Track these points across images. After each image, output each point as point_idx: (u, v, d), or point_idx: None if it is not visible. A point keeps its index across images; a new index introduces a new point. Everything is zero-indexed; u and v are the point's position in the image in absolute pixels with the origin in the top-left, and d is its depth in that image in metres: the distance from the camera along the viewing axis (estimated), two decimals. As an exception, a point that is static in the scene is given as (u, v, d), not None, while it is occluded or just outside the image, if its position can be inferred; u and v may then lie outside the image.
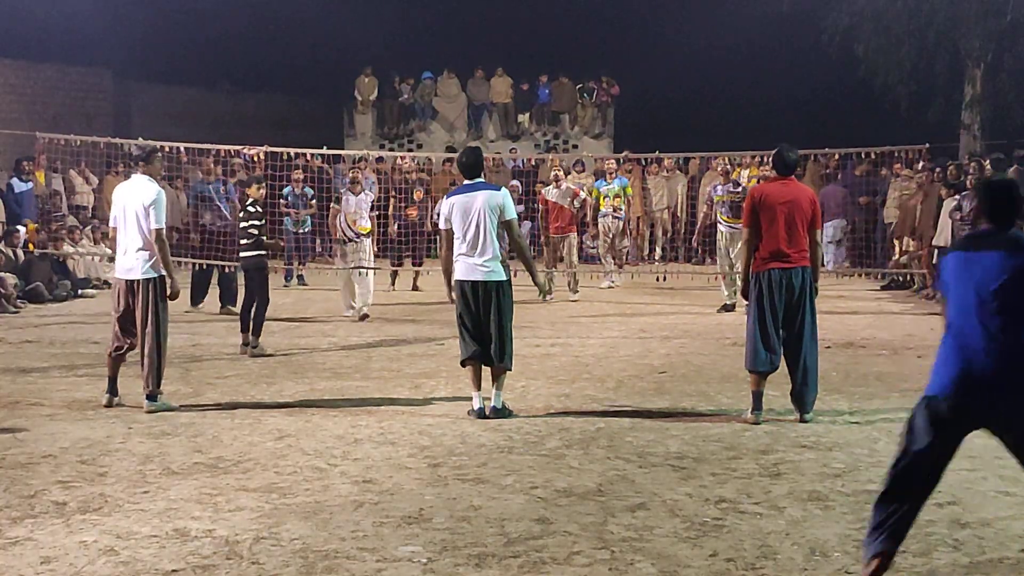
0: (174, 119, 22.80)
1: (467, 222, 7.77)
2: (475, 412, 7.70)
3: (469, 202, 7.81)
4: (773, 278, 7.49)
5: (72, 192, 18.88)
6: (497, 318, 7.74)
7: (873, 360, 10.22)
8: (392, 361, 10.06)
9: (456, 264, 7.86)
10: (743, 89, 25.54)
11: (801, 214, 7.54)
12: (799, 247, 7.52)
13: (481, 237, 7.74)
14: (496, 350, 7.74)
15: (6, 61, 22.03)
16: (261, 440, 6.97)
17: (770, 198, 7.56)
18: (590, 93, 25.28)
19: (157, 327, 7.83)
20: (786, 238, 7.49)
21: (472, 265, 7.78)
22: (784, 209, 7.51)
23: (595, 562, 4.79)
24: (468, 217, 7.77)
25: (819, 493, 5.82)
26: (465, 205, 7.82)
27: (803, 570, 4.71)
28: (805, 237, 7.55)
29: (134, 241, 7.84)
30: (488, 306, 7.75)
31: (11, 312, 13.55)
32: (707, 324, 12.74)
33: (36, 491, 5.81)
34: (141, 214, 7.80)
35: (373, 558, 4.84)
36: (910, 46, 20.98)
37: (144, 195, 7.85)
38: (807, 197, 7.71)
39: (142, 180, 7.98)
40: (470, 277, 7.79)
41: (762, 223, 7.51)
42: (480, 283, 7.76)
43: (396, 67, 25.49)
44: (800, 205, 7.56)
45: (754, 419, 7.52)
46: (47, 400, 8.24)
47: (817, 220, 7.69)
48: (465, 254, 7.80)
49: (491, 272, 7.77)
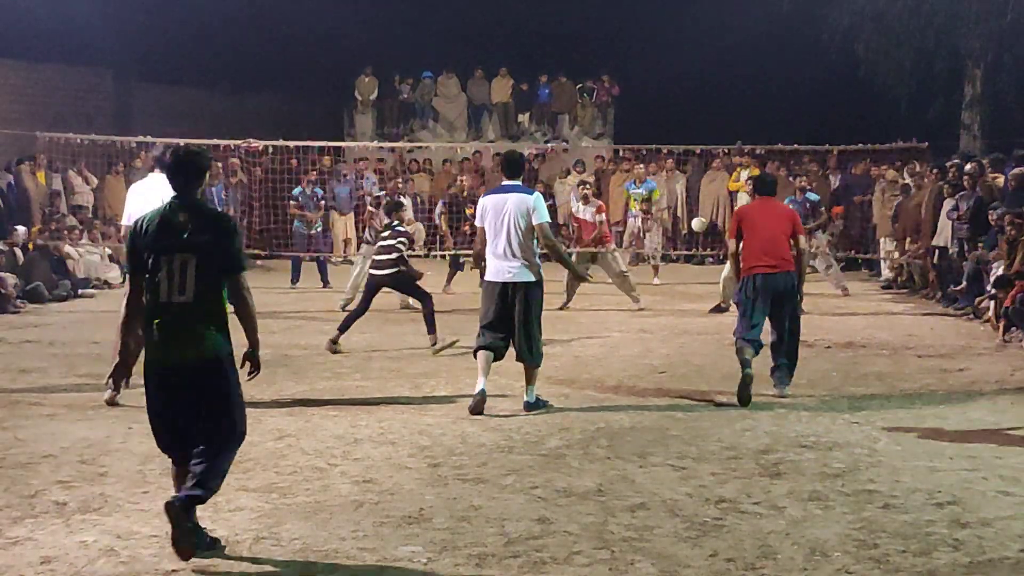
0: (174, 119, 22.77)
1: (497, 223, 7.91)
2: (477, 394, 7.82)
3: (500, 203, 7.94)
4: (757, 281, 8.43)
5: (71, 192, 18.89)
6: (524, 318, 7.85)
7: (873, 360, 10.22)
8: (392, 361, 10.06)
9: (487, 263, 8.03)
10: (744, 89, 25.53)
11: (781, 227, 8.58)
12: (781, 256, 8.46)
13: (510, 239, 7.85)
14: (524, 349, 7.87)
15: (6, 61, 22.01)
16: (261, 440, 6.97)
17: (751, 215, 8.75)
18: (590, 93, 25.28)
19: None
20: (768, 248, 8.45)
21: (501, 266, 7.91)
22: (765, 223, 8.55)
23: (595, 562, 4.79)
24: (499, 218, 7.91)
25: (819, 493, 5.81)
26: (496, 206, 7.96)
27: (803, 570, 4.71)
28: (787, 247, 8.53)
29: None
30: (515, 307, 7.86)
31: (11, 312, 13.55)
32: (707, 324, 12.73)
33: (36, 491, 5.81)
34: None
35: (373, 558, 4.84)
36: (910, 46, 20.98)
37: (163, 194, 7.82)
38: (785, 213, 8.92)
39: (160, 179, 7.92)
40: (498, 278, 7.92)
41: (745, 236, 8.58)
42: (509, 284, 7.88)
43: (396, 67, 25.50)
44: (780, 220, 8.66)
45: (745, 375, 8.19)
46: (47, 400, 8.24)
47: (799, 230, 8.72)
48: (494, 254, 7.95)
49: (518, 274, 7.87)
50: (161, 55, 23.87)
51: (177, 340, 4.86)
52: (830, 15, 21.48)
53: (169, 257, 4.86)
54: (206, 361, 4.89)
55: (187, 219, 4.94)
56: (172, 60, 24.21)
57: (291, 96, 26.85)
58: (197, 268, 4.85)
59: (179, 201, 5.03)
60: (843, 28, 21.38)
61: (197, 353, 4.87)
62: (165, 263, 4.86)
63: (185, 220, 4.93)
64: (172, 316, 4.87)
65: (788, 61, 23.58)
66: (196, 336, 4.87)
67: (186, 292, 4.84)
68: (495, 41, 25.97)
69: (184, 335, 4.86)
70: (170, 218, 4.96)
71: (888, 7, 21.11)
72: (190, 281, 4.84)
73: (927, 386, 8.91)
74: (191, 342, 4.86)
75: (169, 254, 4.87)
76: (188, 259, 4.85)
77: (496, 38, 26.01)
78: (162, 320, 4.88)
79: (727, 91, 25.62)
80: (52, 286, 15.01)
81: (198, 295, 4.86)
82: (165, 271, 4.85)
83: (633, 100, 25.51)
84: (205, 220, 5.00)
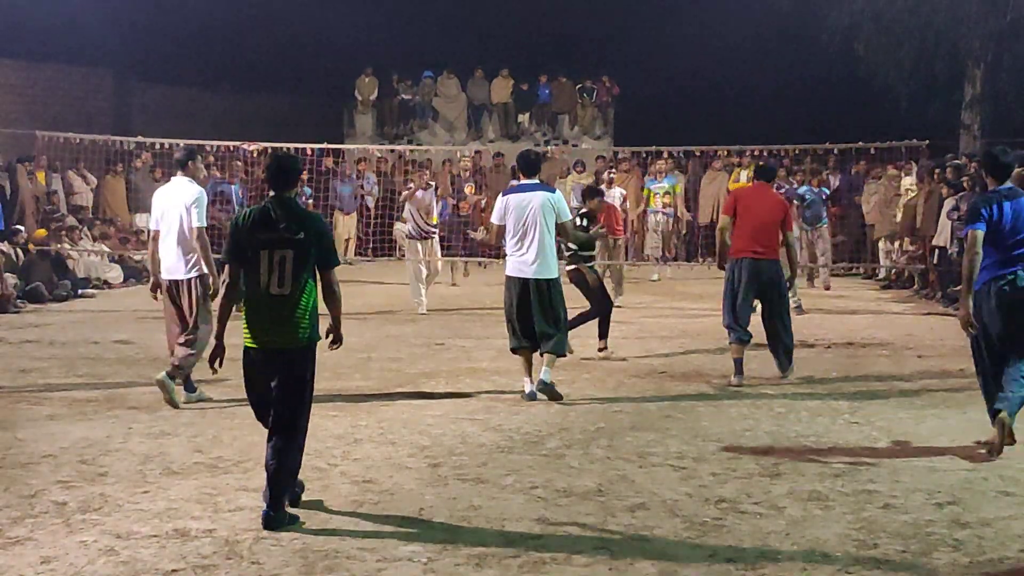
0: (174, 119, 22.76)
1: (521, 220, 8.05)
2: (526, 396, 8.07)
3: (524, 201, 8.11)
4: (744, 265, 8.84)
5: (71, 192, 18.89)
6: (551, 310, 8.07)
7: (873, 360, 10.22)
8: (392, 361, 10.05)
9: (507, 261, 8.19)
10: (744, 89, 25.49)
11: (772, 215, 8.90)
12: (769, 243, 8.85)
13: (534, 236, 8.02)
14: (549, 339, 8.06)
15: (6, 61, 22.00)
16: (261, 440, 6.90)
17: (746, 200, 9.05)
18: (590, 93, 25.26)
19: (196, 325, 8.01)
20: (757, 234, 8.81)
21: (523, 263, 8.07)
22: (759, 209, 8.88)
23: (595, 562, 4.79)
24: (523, 216, 8.06)
25: (819, 493, 5.81)
26: (520, 204, 8.11)
27: (803, 570, 4.71)
28: (775, 235, 8.89)
29: (175, 242, 8.03)
30: (539, 302, 8.05)
31: (11, 312, 13.55)
32: (707, 324, 12.73)
33: (36, 491, 5.81)
34: (184, 214, 7.99)
35: (373, 558, 4.84)
36: (910, 46, 20.97)
37: (186, 195, 8.06)
38: (778, 202, 9.18)
39: (183, 181, 8.16)
40: (521, 275, 8.09)
41: (737, 219, 8.90)
42: (532, 280, 8.05)
43: (396, 67, 25.48)
44: (772, 208, 8.96)
45: (736, 382, 8.79)
46: (47, 400, 8.24)
47: (789, 222, 9.04)
48: (516, 251, 8.10)
49: (541, 270, 8.06)
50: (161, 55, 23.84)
51: (276, 328, 5.37)
52: (830, 15, 21.46)
53: (269, 252, 5.36)
54: (299, 348, 5.42)
55: (284, 217, 5.42)
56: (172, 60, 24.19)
57: (291, 96, 26.84)
58: (294, 263, 5.35)
59: (277, 201, 5.49)
60: (843, 28, 21.35)
61: (292, 340, 5.38)
62: (265, 257, 5.36)
63: (282, 218, 5.41)
64: (272, 306, 5.37)
65: (788, 61, 23.57)
66: (292, 325, 5.38)
67: (284, 285, 5.35)
68: (495, 41, 25.95)
69: (282, 324, 5.37)
70: (269, 216, 5.44)
71: (888, 7, 21.09)
72: (288, 275, 5.35)
73: (927, 386, 8.91)
74: (288, 331, 5.37)
75: (268, 249, 5.37)
76: (286, 255, 5.35)
77: (496, 38, 25.99)
78: (263, 309, 5.38)
79: (727, 91, 25.61)
80: (52, 286, 15.01)
81: (294, 288, 5.37)
82: (266, 265, 5.36)
83: (633, 100, 25.50)
84: (300, 219, 5.46)
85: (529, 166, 8.31)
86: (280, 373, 5.42)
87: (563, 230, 8.25)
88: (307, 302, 5.43)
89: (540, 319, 8.05)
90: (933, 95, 21.22)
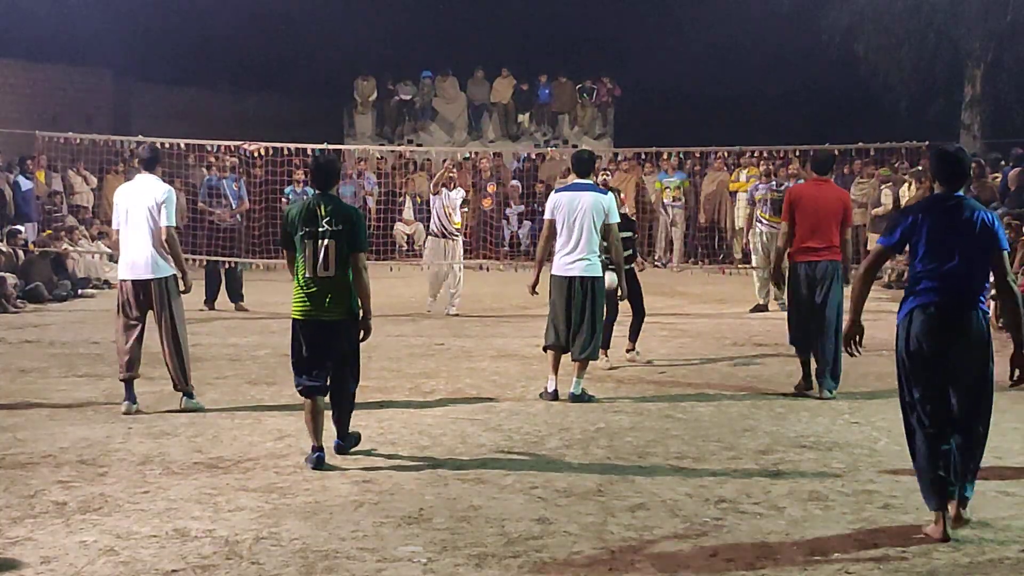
0: (174, 119, 22.76)
1: (571, 219, 8.13)
2: (548, 394, 8.14)
3: (575, 200, 8.19)
4: (801, 270, 8.28)
5: (71, 192, 18.89)
6: (591, 311, 8.13)
7: (873, 360, 10.20)
8: (392, 361, 10.05)
9: (555, 259, 8.24)
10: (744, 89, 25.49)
11: (831, 213, 8.25)
12: (828, 243, 8.24)
13: (582, 235, 8.10)
14: (584, 342, 8.11)
15: (6, 61, 22.01)
16: (261, 440, 6.98)
17: (805, 197, 8.33)
18: (590, 93, 25.26)
19: (174, 326, 7.86)
20: (815, 234, 8.21)
21: (571, 261, 8.15)
22: (817, 207, 8.24)
23: (595, 562, 4.79)
24: (573, 214, 8.14)
25: (819, 493, 5.82)
26: (571, 202, 8.19)
27: (803, 570, 4.71)
28: (835, 234, 8.26)
29: (143, 240, 7.76)
30: (583, 300, 8.12)
31: (11, 312, 13.55)
32: (707, 324, 12.74)
33: (36, 491, 5.81)
34: (153, 212, 7.73)
35: (373, 558, 4.84)
36: (910, 46, 20.98)
37: (155, 193, 7.79)
38: (838, 197, 8.43)
39: (150, 179, 7.90)
40: (568, 273, 8.17)
41: (796, 219, 8.26)
42: (578, 279, 8.14)
43: (396, 67, 25.48)
44: (831, 205, 8.28)
45: (804, 385, 8.44)
46: (47, 400, 8.24)
47: (848, 218, 8.41)
48: (564, 250, 8.17)
49: (588, 268, 8.15)
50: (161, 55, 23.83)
51: (326, 302, 6.35)
52: (830, 15, 21.47)
53: (315, 242, 6.32)
54: (347, 317, 6.43)
55: (328, 211, 6.36)
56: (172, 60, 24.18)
57: (291, 96, 26.84)
58: (337, 250, 6.31)
59: (321, 196, 6.44)
60: (843, 28, 21.36)
61: (341, 312, 6.39)
62: (311, 246, 6.34)
63: (326, 211, 6.34)
64: (320, 286, 6.35)
65: (788, 61, 23.56)
66: (339, 299, 6.38)
67: (329, 268, 6.32)
68: (495, 41, 25.93)
69: (331, 299, 6.36)
70: (315, 210, 6.37)
71: (888, 7, 21.10)
72: (331, 260, 6.32)
73: (927, 386, 8.87)
74: (337, 304, 6.37)
75: (314, 239, 6.33)
76: (330, 244, 6.31)
77: (496, 38, 25.97)
78: (312, 288, 6.36)
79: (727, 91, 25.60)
80: (52, 286, 15.01)
81: (338, 270, 6.34)
82: (311, 251, 6.33)
83: (633, 100, 25.50)
84: (342, 212, 6.41)
85: (582, 165, 8.36)
86: (333, 340, 6.38)
87: (608, 232, 8.23)
88: (348, 281, 6.40)
89: (587, 323, 8.11)
90: (933, 95, 21.23)
